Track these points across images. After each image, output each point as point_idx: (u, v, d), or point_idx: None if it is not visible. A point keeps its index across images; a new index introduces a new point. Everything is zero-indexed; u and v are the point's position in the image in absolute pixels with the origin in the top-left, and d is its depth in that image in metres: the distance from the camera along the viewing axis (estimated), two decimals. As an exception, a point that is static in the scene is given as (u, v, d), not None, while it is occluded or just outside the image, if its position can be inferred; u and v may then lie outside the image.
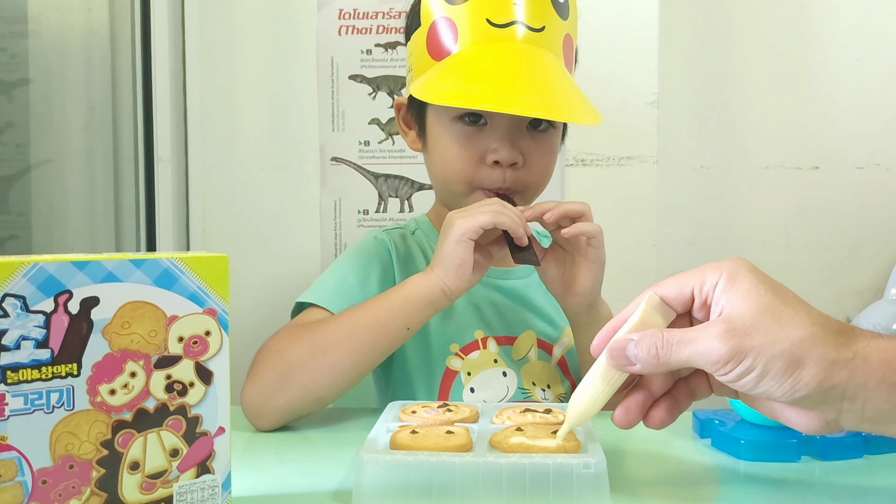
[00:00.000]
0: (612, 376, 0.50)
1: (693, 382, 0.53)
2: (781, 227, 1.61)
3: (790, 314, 0.46)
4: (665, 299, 0.51)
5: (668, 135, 1.53)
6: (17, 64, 1.37)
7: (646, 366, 0.48)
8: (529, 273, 0.92)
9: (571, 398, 0.52)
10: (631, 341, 0.48)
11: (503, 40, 0.76)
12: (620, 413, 0.51)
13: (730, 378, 0.46)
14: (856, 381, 0.45)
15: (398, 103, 0.90)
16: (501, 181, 0.80)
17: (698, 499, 0.55)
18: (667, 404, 0.52)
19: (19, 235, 1.37)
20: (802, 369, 0.45)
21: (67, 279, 0.42)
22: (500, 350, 0.87)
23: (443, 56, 0.78)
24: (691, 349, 0.46)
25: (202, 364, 0.47)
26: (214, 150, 1.51)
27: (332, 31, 1.49)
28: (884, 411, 0.46)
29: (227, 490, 0.49)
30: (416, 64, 0.83)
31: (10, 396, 0.41)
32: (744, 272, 0.48)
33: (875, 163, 1.60)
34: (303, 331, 0.76)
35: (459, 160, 0.81)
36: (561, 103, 0.75)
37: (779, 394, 0.46)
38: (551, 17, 0.78)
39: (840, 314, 1.56)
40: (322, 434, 0.73)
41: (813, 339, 0.45)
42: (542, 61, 0.77)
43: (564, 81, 0.77)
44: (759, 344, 0.45)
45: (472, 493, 0.49)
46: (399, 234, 0.91)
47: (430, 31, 0.79)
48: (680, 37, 1.56)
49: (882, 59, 1.58)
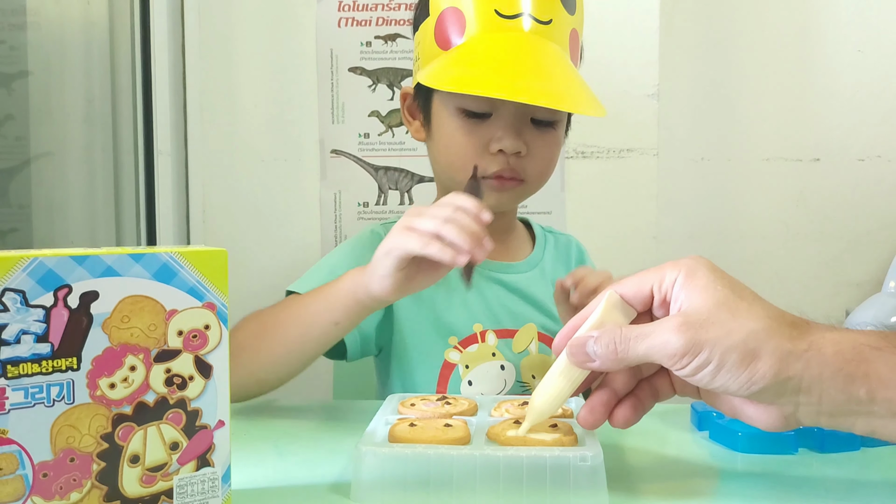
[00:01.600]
0: (573, 374, 0.51)
1: (656, 382, 0.53)
2: (781, 220, 1.61)
3: (745, 307, 0.47)
4: (625, 297, 0.52)
5: (668, 127, 1.53)
6: (16, 56, 1.37)
7: (605, 362, 0.49)
8: (531, 267, 0.92)
9: (533, 395, 0.53)
10: (591, 338, 0.49)
11: (510, 31, 0.77)
12: (585, 412, 0.52)
13: (686, 372, 0.47)
14: (811, 373, 0.45)
15: (404, 92, 0.91)
16: (505, 167, 0.81)
17: (696, 491, 0.55)
18: (631, 403, 0.52)
19: (20, 228, 1.38)
20: (758, 361, 0.45)
21: (67, 273, 0.43)
22: (500, 343, 0.87)
23: (450, 46, 0.79)
24: (648, 343, 0.47)
25: (202, 358, 0.48)
26: (214, 142, 1.51)
27: (331, 22, 1.48)
28: (839, 403, 0.46)
29: (226, 483, 0.49)
30: (423, 53, 0.83)
31: (11, 390, 0.41)
32: (702, 269, 0.49)
33: (876, 155, 1.59)
34: (260, 314, 0.77)
35: (463, 148, 0.82)
36: (565, 94, 0.75)
37: (735, 387, 0.46)
38: (558, 10, 0.79)
39: (839, 306, 1.56)
40: (322, 426, 0.73)
41: (768, 332, 0.46)
42: (549, 52, 0.78)
43: (569, 73, 0.78)
44: (714, 336, 0.46)
45: (470, 486, 0.49)
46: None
47: (439, 21, 0.80)
48: (680, 28, 1.55)
49: (883, 51, 1.57)
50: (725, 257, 1.61)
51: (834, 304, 1.58)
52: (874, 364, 0.45)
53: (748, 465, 0.60)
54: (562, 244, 0.99)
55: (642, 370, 0.53)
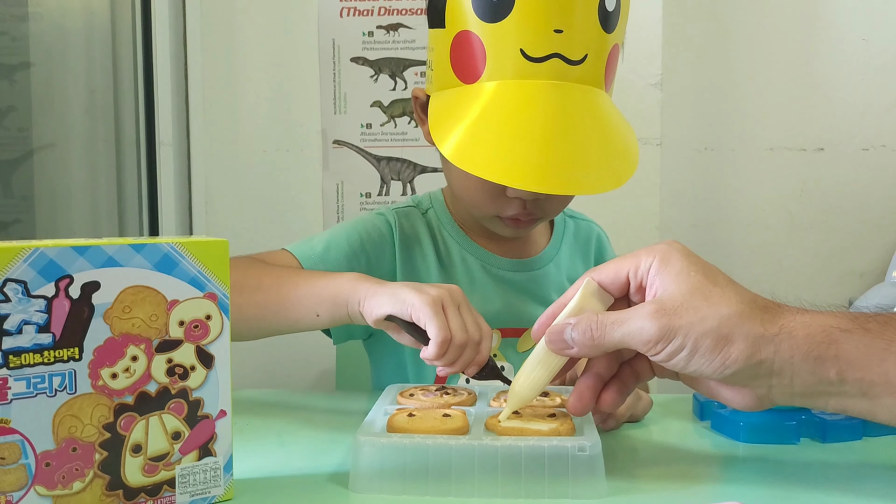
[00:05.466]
0: (552, 361, 0.52)
1: (636, 365, 0.54)
2: (785, 209, 1.61)
3: (719, 293, 0.47)
4: (602, 284, 0.52)
5: (671, 116, 1.53)
6: (18, 47, 1.37)
7: (582, 348, 0.50)
8: (545, 263, 0.90)
9: (513, 382, 0.54)
10: (568, 325, 0.50)
11: (537, 77, 0.69)
12: (574, 400, 0.52)
13: (661, 357, 0.48)
14: (782, 355, 0.46)
15: (415, 94, 0.85)
16: (522, 211, 0.78)
17: (697, 480, 0.55)
18: (616, 386, 0.53)
19: (23, 219, 1.38)
20: (731, 346, 0.46)
21: (68, 264, 0.43)
22: (504, 342, 0.86)
23: (468, 78, 0.72)
24: (623, 329, 0.48)
25: (203, 348, 0.48)
26: (216, 133, 1.51)
27: (333, 13, 1.48)
28: (810, 385, 0.47)
29: (228, 472, 0.49)
30: (436, 66, 0.77)
31: (13, 380, 0.41)
32: (676, 255, 0.50)
33: (881, 144, 1.59)
34: (251, 265, 0.76)
35: (479, 192, 0.78)
36: (584, 172, 0.70)
37: (710, 371, 0.47)
38: (594, 37, 0.70)
39: (843, 296, 1.56)
40: (324, 416, 0.73)
41: (740, 316, 0.46)
42: (575, 113, 0.71)
43: (596, 135, 0.72)
44: (687, 322, 0.46)
45: (468, 476, 0.49)
46: (406, 213, 0.89)
47: (456, 43, 0.72)
48: (683, 18, 1.55)
49: (888, 40, 1.56)
50: (729, 246, 1.61)
51: (837, 293, 1.58)
52: (843, 346, 0.46)
53: (750, 454, 0.60)
54: (582, 233, 0.95)
55: (623, 354, 0.54)
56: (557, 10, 0.68)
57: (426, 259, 0.86)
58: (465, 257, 0.87)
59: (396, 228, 0.86)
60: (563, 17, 0.68)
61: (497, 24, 0.69)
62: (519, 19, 0.68)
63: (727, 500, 0.49)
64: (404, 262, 0.85)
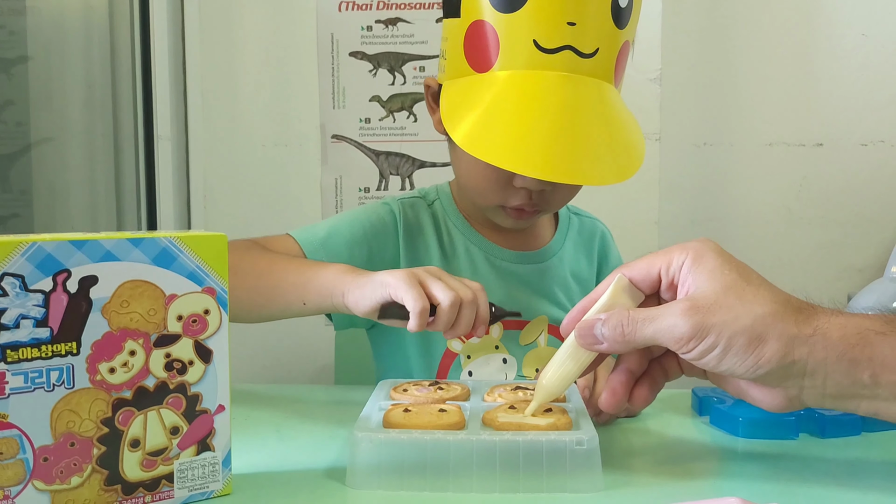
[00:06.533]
0: (581, 356, 0.52)
1: (665, 362, 0.54)
2: (784, 205, 1.61)
3: (752, 292, 0.47)
4: (633, 281, 0.52)
5: (670, 111, 1.52)
6: (16, 41, 1.36)
7: (612, 344, 0.49)
8: (548, 257, 0.90)
9: (540, 376, 0.53)
10: (599, 321, 0.50)
11: (549, 68, 0.71)
12: (608, 395, 0.52)
13: (693, 355, 0.47)
14: (816, 356, 0.46)
15: (427, 83, 0.86)
16: (527, 201, 0.79)
17: (695, 476, 0.55)
18: (647, 383, 0.53)
19: (21, 214, 1.38)
20: (764, 345, 0.46)
21: (66, 258, 0.43)
22: (506, 335, 0.86)
23: (481, 68, 0.73)
24: (655, 326, 0.48)
25: (201, 342, 0.48)
26: (215, 127, 1.51)
27: (332, 7, 1.48)
28: (843, 387, 0.46)
29: (227, 467, 0.49)
30: (450, 56, 0.78)
31: (11, 375, 0.41)
32: (709, 253, 0.49)
33: (880, 139, 1.59)
34: (250, 249, 0.77)
35: (486, 181, 0.79)
36: (594, 161, 0.71)
37: (742, 370, 0.47)
38: (607, 32, 0.72)
39: (842, 291, 1.56)
40: (323, 411, 0.73)
41: (774, 316, 0.46)
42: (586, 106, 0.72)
43: (604, 127, 0.72)
44: (721, 321, 0.46)
45: (466, 471, 0.49)
46: (412, 203, 0.89)
47: (471, 32, 0.73)
48: (683, 12, 1.54)
49: (887, 35, 1.56)
50: (727, 242, 1.59)
51: (836, 289, 1.58)
52: (878, 348, 0.46)
53: (749, 450, 0.60)
54: (586, 230, 0.95)
55: (653, 351, 0.53)
56: (571, 3, 0.70)
57: (429, 249, 0.86)
58: (469, 248, 0.87)
59: (401, 218, 0.86)
60: (577, 10, 0.70)
61: (512, 15, 0.70)
62: (533, 10, 0.70)
63: (725, 495, 0.49)
64: (407, 252, 0.85)
